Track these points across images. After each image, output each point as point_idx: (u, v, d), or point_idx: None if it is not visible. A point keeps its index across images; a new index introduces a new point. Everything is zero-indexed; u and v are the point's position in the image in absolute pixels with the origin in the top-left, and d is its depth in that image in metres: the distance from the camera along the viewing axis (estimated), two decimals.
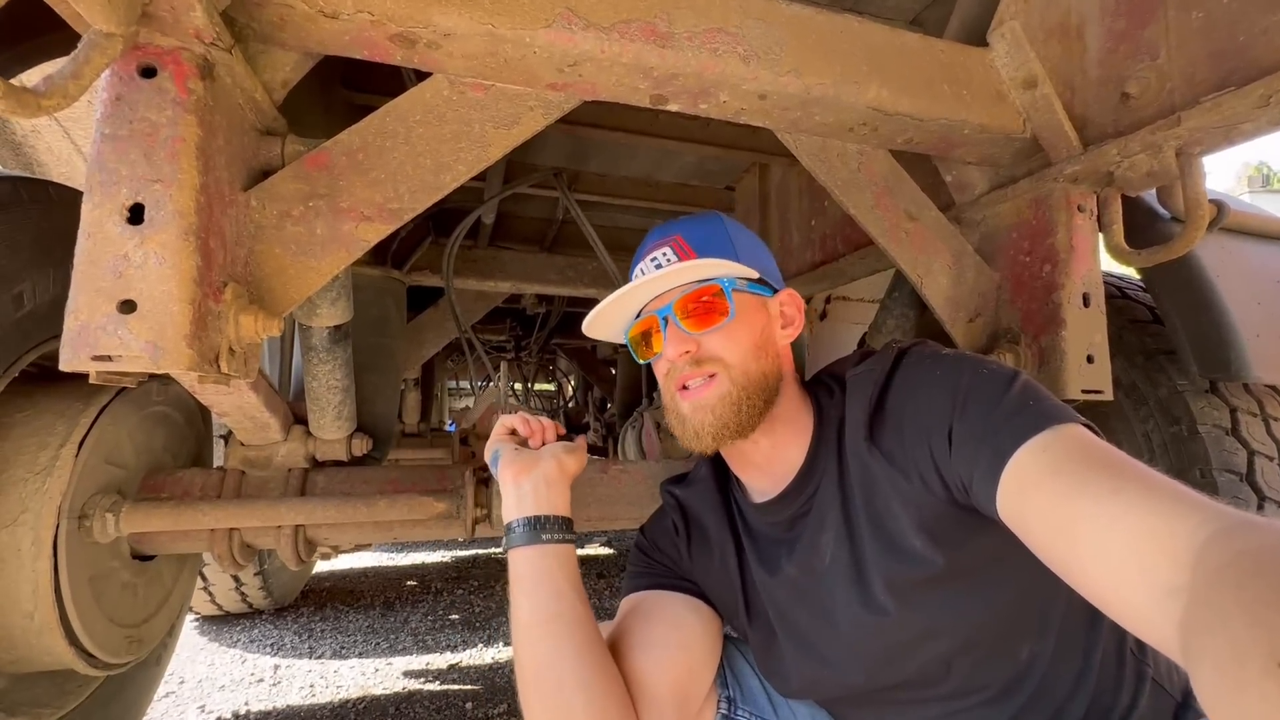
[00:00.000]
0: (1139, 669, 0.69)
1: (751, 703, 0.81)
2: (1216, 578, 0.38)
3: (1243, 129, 0.85)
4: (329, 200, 0.81)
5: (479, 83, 0.85)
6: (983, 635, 0.66)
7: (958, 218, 1.21)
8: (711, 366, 0.74)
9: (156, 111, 0.65)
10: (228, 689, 1.87)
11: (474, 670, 2.02)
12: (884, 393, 0.71)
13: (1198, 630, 0.38)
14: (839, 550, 0.72)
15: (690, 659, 0.76)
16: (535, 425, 0.86)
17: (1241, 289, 1.13)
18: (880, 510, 0.69)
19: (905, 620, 0.67)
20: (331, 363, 1.08)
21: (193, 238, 0.65)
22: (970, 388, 0.63)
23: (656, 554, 0.88)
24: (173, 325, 0.64)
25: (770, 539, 0.80)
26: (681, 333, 0.75)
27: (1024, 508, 0.55)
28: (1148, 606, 0.43)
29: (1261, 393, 1.25)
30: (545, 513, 0.75)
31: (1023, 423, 0.57)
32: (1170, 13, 0.90)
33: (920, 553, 0.65)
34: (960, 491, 0.62)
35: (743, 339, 0.75)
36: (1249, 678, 0.32)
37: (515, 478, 0.77)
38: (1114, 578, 0.46)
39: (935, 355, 0.71)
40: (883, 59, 0.94)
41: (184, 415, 1.28)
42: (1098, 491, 0.49)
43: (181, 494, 1.10)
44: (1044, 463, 0.54)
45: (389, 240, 1.79)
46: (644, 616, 0.79)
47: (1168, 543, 0.43)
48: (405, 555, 3.65)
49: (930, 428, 0.64)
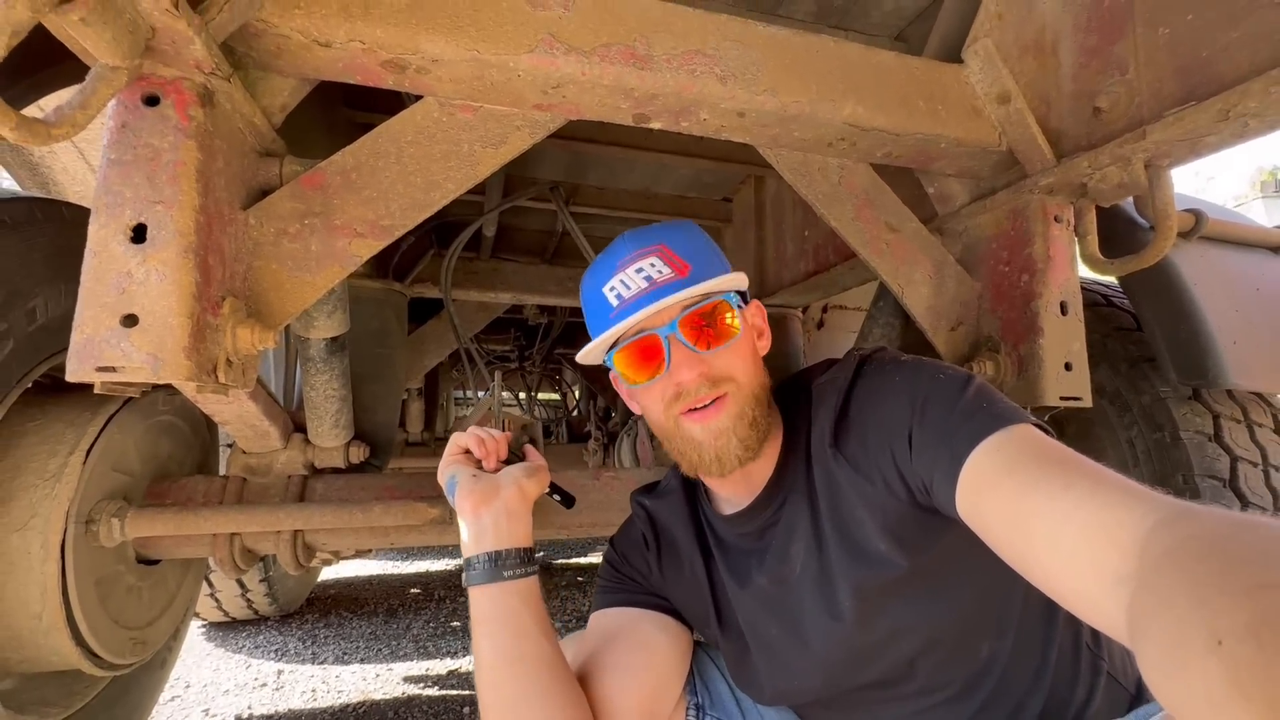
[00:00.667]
0: (1095, 663, 0.71)
1: (720, 708, 0.83)
2: (1161, 563, 0.40)
3: (1207, 141, 0.87)
4: (324, 218, 0.85)
5: (467, 104, 0.89)
6: (945, 635, 0.68)
7: (940, 228, 1.24)
8: (725, 387, 0.70)
9: (159, 137, 0.69)
10: (232, 693, 1.91)
11: (472, 677, 2.04)
12: (847, 401, 0.72)
13: (1143, 613, 0.39)
14: (809, 559, 0.73)
15: (657, 678, 0.77)
16: (490, 444, 0.82)
17: (1220, 297, 1.14)
18: (846, 516, 0.70)
19: (871, 623, 0.69)
20: (329, 373, 1.12)
21: (192, 255, 0.69)
22: (928, 393, 0.65)
23: (626, 568, 0.88)
24: (172, 338, 0.67)
25: (740, 550, 0.81)
26: (691, 353, 0.70)
27: (981, 506, 0.56)
28: (1099, 595, 0.45)
29: (1245, 399, 1.26)
30: (507, 546, 0.72)
31: (977, 425, 0.59)
32: (1139, 29, 0.93)
33: (885, 556, 0.67)
34: (922, 494, 0.64)
35: (747, 355, 0.74)
36: (1191, 656, 0.33)
37: (474, 510, 0.74)
38: (1067, 569, 0.48)
39: (895, 362, 0.72)
40: (858, 77, 0.97)
41: (189, 424, 1.32)
42: (1049, 488, 0.51)
43: (185, 500, 1.14)
44: (998, 462, 0.56)
45: (390, 253, 1.84)
46: (613, 638, 0.79)
47: (1115, 533, 0.45)
48: (409, 563, 3.68)
49: (892, 433, 0.66)
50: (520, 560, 0.72)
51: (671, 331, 0.70)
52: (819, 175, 1.09)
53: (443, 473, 0.80)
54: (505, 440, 0.84)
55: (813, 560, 0.72)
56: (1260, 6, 0.79)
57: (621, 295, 0.72)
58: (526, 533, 0.75)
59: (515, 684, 0.67)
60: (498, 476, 0.78)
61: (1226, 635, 0.31)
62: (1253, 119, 0.80)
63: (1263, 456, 1.20)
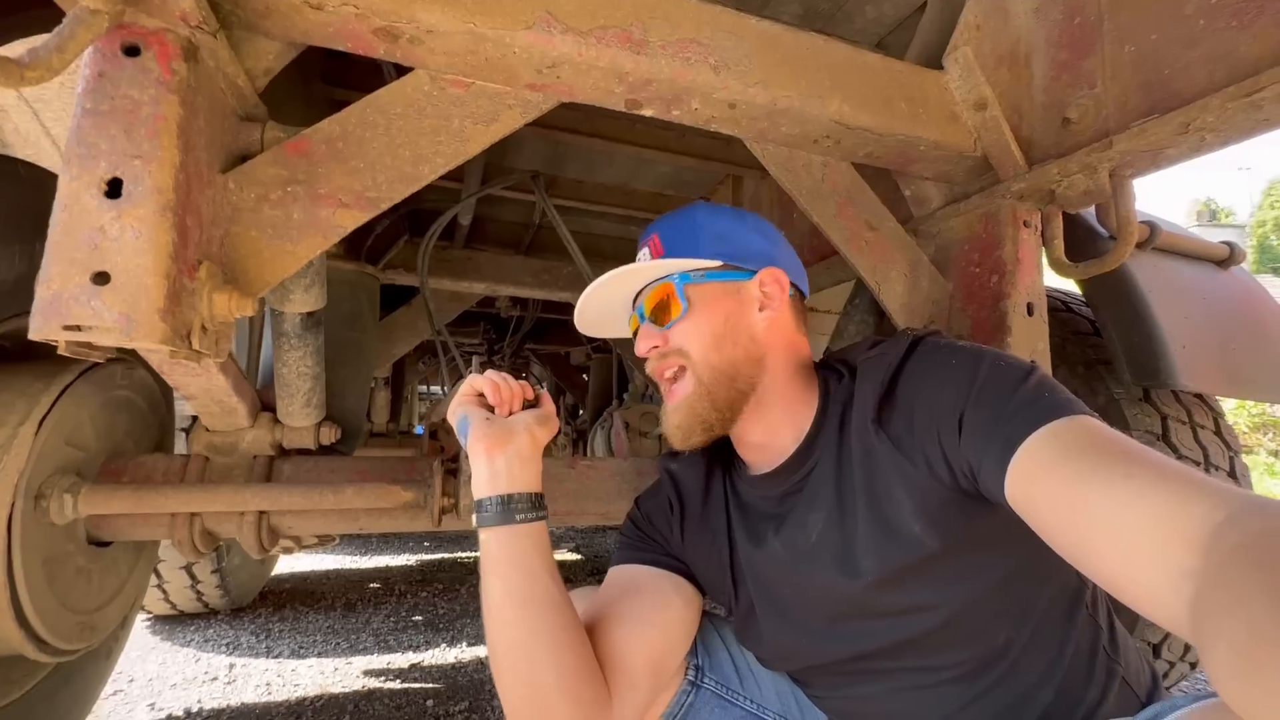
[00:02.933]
0: (1110, 667, 0.71)
1: (718, 671, 0.84)
2: (1232, 560, 0.38)
3: (1167, 154, 0.92)
4: (307, 186, 0.82)
5: (459, 79, 0.88)
6: (964, 617, 0.67)
7: (915, 230, 1.28)
8: (676, 359, 0.79)
9: (139, 90, 0.67)
10: (179, 687, 1.82)
11: (436, 669, 2.00)
12: (895, 378, 0.71)
13: (1213, 611, 0.38)
14: (828, 529, 0.73)
15: (668, 636, 0.78)
16: (505, 392, 0.79)
17: (1171, 304, 1.21)
18: (880, 493, 0.69)
19: (891, 597, 0.69)
20: (303, 349, 1.08)
21: (170, 214, 0.67)
22: (987, 378, 0.64)
23: (649, 528, 0.89)
24: (146, 298, 0.65)
25: (759, 513, 0.82)
26: (650, 329, 0.81)
27: (1034, 492, 0.55)
28: (1160, 588, 0.43)
29: (1190, 402, 1.34)
30: (519, 490, 0.72)
31: (1036, 412, 0.58)
32: (1107, 46, 0.98)
33: (918, 537, 0.66)
34: (966, 478, 0.63)
35: (704, 331, 0.78)
36: (1267, 658, 0.32)
37: (488, 452, 0.72)
38: (1126, 559, 0.46)
39: (951, 346, 0.71)
40: (845, 76, 1.00)
41: (147, 401, 1.27)
42: (1110, 476, 0.49)
43: (143, 478, 1.09)
44: (1056, 449, 0.55)
45: (364, 235, 1.80)
46: (630, 591, 0.81)
47: (1181, 525, 0.43)
48: (368, 558, 3.59)
49: (941, 415, 0.65)
50: (532, 504, 0.73)
51: (640, 311, 0.83)
52: (803, 171, 1.12)
53: (453, 412, 0.78)
54: (521, 391, 0.81)
55: (833, 530, 0.72)
56: (1217, 30, 0.84)
57: None
58: (538, 478, 0.76)
59: (524, 624, 0.67)
60: (511, 421, 0.76)
61: None
62: (1209, 133, 0.85)
63: (1204, 456, 1.28)
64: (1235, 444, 1.35)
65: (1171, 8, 0.88)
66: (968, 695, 0.69)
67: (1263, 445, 9.35)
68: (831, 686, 0.79)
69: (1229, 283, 1.38)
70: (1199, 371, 1.16)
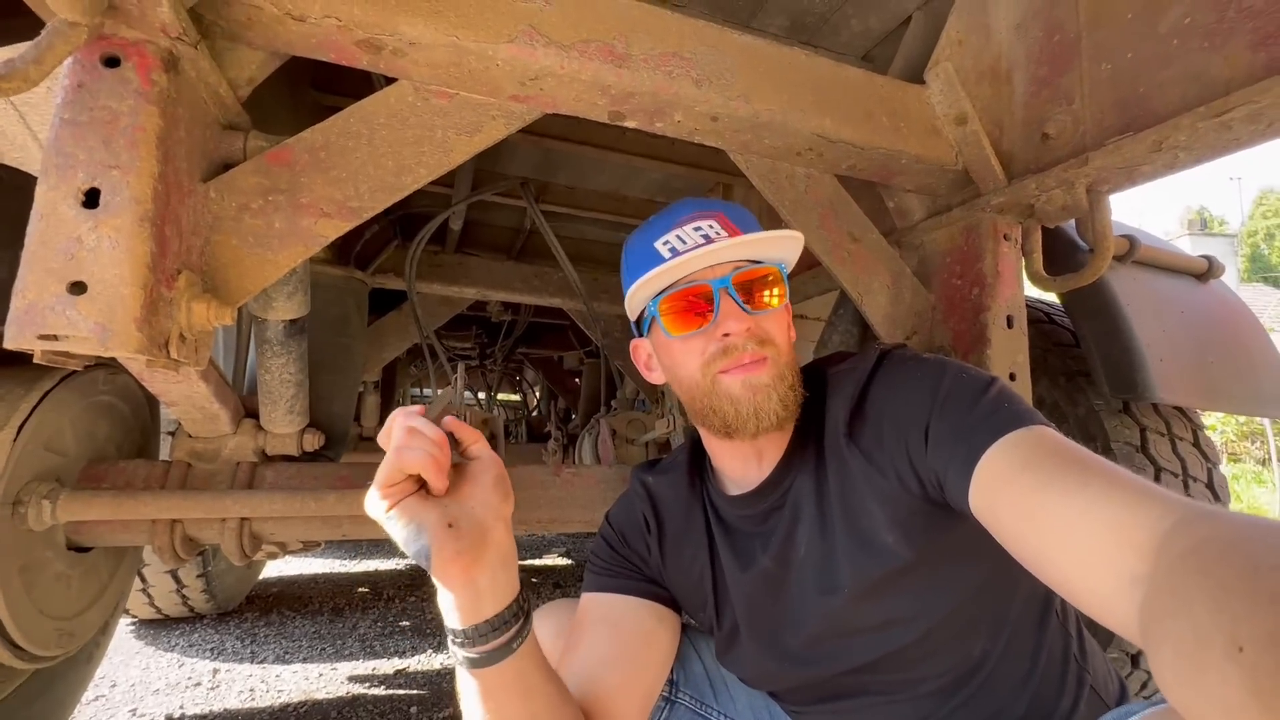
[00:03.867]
0: (1080, 676, 0.72)
1: (693, 686, 0.84)
2: (1179, 564, 0.39)
3: (1141, 170, 0.93)
4: (289, 195, 0.83)
5: (443, 90, 0.88)
6: (941, 629, 0.68)
7: (899, 241, 1.29)
8: (766, 349, 0.71)
9: (118, 100, 0.67)
10: (163, 692, 1.81)
11: (421, 675, 2.00)
12: (865, 392, 0.72)
13: (1160, 615, 0.38)
14: (812, 544, 0.73)
15: (655, 673, 0.77)
16: (441, 458, 0.54)
17: (1149, 317, 1.23)
18: (855, 506, 0.70)
19: (868, 611, 0.69)
20: (285, 356, 1.08)
21: (148, 224, 0.67)
22: (950, 390, 0.65)
23: (625, 550, 0.86)
24: (123, 308, 0.65)
25: (744, 533, 0.80)
26: (741, 309, 0.70)
27: (995, 501, 0.56)
28: (1112, 593, 0.44)
29: (1169, 414, 1.35)
30: (506, 604, 0.57)
31: (996, 422, 0.59)
32: (1085, 64, 0.99)
33: (892, 548, 0.67)
34: (934, 488, 0.64)
35: (785, 327, 0.75)
36: (1210, 661, 0.32)
37: (466, 572, 0.55)
38: (1080, 566, 0.47)
39: (917, 358, 0.72)
40: (827, 90, 1.01)
41: (130, 406, 1.26)
42: (1066, 485, 0.51)
43: (123, 484, 1.08)
44: (1015, 458, 0.56)
45: (353, 241, 1.80)
46: (612, 631, 0.78)
47: (1132, 532, 0.44)
48: (357, 562, 3.57)
49: (908, 425, 0.65)
50: (518, 612, 0.59)
51: (724, 285, 0.70)
52: (786, 183, 1.13)
53: (397, 521, 0.54)
54: (444, 441, 0.56)
55: (816, 546, 0.72)
56: (1190, 50, 0.85)
57: (676, 249, 0.72)
58: (516, 573, 0.60)
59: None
60: (473, 510, 0.57)
61: (1248, 642, 0.31)
62: (1182, 151, 0.87)
63: (1183, 468, 1.29)
64: (1214, 456, 1.37)
65: (1147, 27, 0.90)
66: (946, 708, 0.69)
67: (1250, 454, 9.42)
68: (809, 702, 0.79)
69: (1208, 296, 1.40)
70: (1177, 384, 1.18)
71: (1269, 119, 0.79)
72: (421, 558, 0.54)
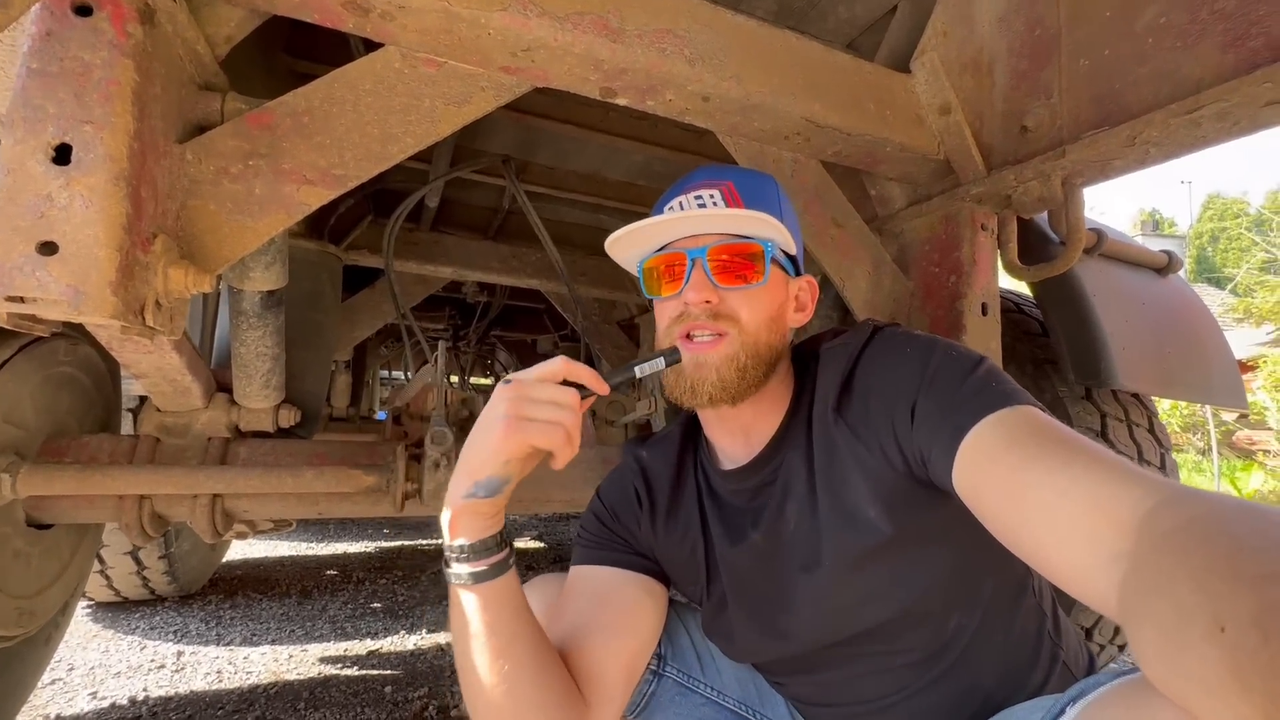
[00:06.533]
0: (1053, 652, 0.73)
1: (680, 660, 0.85)
2: (1163, 544, 0.39)
3: (1115, 164, 0.97)
4: (270, 160, 0.80)
5: (431, 58, 0.86)
6: (917, 604, 0.69)
7: (880, 229, 1.31)
8: (725, 324, 0.72)
9: (91, 52, 0.64)
10: (124, 676, 1.76)
11: (395, 656, 1.98)
12: (854, 367, 0.72)
13: (1142, 592, 0.39)
14: (801, 519, 0.74)
15: (641, 642, 0.77)
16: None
17: (1114, 308, 1.28)
18: (839, 480, 0.71)
19: (850, 584, 0.70)
20: (262, 329, 1.05)
21: (123, 183, 0.64)
22: (938, 367, 0.65)
23: (615, 524, 0.86)
24: (97, 271, 0.62)
25: (735, 508, 0.81)
26: (708, 280, 0.72)
27: (978, 479, 0.56)
28: (1092, 570, 0.44)
29: (1126, 400, 1.42)
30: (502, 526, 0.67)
31: (982, 401, 0.59)
32: (1063, 59, 1.02)
33: (873, 522, 0.68)
34: (918, 465, 0.64)
35: (764, 307, 0.74)
36: (1192, 639, 0.33)
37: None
38: (1061, 543, 0.47)
39: (909, 335, 0.73)
40: (817, 74, 1.01)
41: (92, 379, 1.21)
42: (1049, 464, 0.51)
43: (88, 459, 1.05)
44: (999, 437, 0.56)
45: (327, 214, 1.75)
46: (600, 599, 0.78)
47: (1113, 510, 0.44)
48: (326, 545, 3.51)
49: (895, 403, 0.66)
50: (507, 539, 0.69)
51: (699, 255, 0.72)
52: (773, 167, 1.13)
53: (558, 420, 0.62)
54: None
55: (805, 520, 0.73)
56: (1164, 49, 0.88)
57: (675, 212, 0.75)
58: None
59: (511, 658, 0.64)
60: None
61: (1230, 622, 0.31)
62: (1154, 147, 0.90)
63: (1138, 452, 1.36)
64: (1166, 441, 1.44)
65: (1124, 25, 0.93)
66: (924, 679, 0.71)
67: (1192, 444, 9.93)
68: (792, 673, 0.81)
69: (1167, 289, 1.47)
70: (1137, 373, 1.23)
71: (1236, 118, 0.82)
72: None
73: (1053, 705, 0.54)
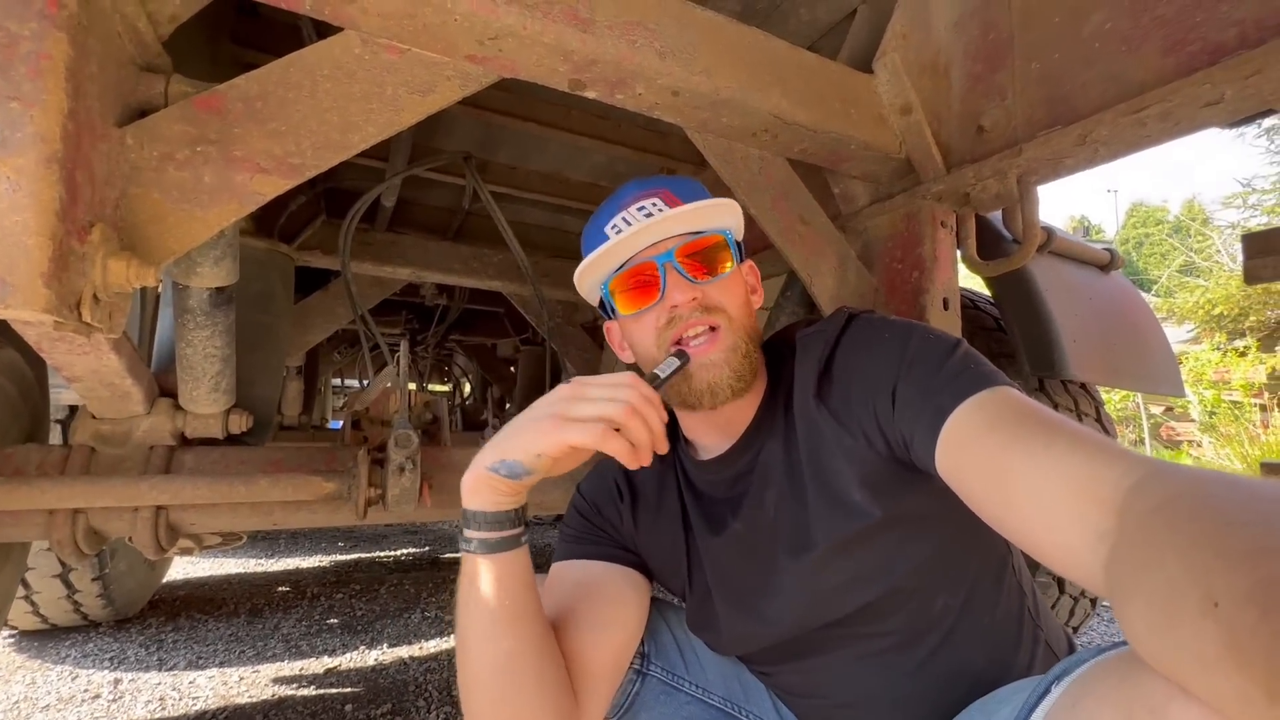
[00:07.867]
0: (1035, 632, 0.75)
1: (663, 657, 0.84)
2: (1149, 519, 0.39)
3: (1066, 163, 1.01)
4: (220, 147, 0.75)
5: (394, 45, 0.83)
6: (905, 584, 0.70)
7: (844, 226, 1.34)
8: (717, 316, 0.73)
9: (18, 23, 0.58)
10: (53, 709, 1.63)
11: (355, 673, 1.90)
12: (833, 354, 0.73)
13: (1131, 568, 0.39)
14: (782, 506, 0.74)
15: (627, 634, 0.77)
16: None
17: (1064, 302, 1.34)
18: (824, 466, 0.71)
19: (838, 568, 0.70)
20: (211, 328, 0.99)
21: (57, 166, 0.59)
22: (917, 351, 0.66)
23: (597, 519, 0.86)
24: (27, 261, 0.57)
25: (714, 499, 0.81)
26: (684, 280, 0.72)
27: (961, 461, 0.57)
28: (1078, 548, 0.45)
29: (1076, 391, 1.48)
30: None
31: (963, 384, 0.60)
32: (1017, 62, 1.06)
33: (861, 506, 0.68)
34: (901, 448, 0.65)
35: (740, 291, 0.76)
36: (1184, 615, 0.33)
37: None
38: (1046, 523, 0.48)
39: (885, 320, 0.74)
40: (785, 71, 1.02)
41: (18, 387, 1.12)
42: (1031, 445, 0.51)
43: (12, 471, 0.96)
44: (981, 419, 0.57)
45: (277, 212, 1.67)
46: (585, 591, 0.78)
47: (1097, 488, 0.45)
48: (276, 560, 3.35)
49: (875, 388, 0.66)
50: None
51: (668, 259, 0.72)
52: (742, 164, 1.14)
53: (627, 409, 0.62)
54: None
55: (787, 508, 0.73)
56: (1110, 53, 0.93)
57: (621, 229, 0.74)
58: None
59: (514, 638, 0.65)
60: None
61: (1223, 597, 0.31)
62: (1103, 145, 0.94)
63: None
64: (1112, 429, 1.52)
65: (1072, 30, 0.97)
66: (910, 663, 0.72)
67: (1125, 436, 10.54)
68: (779, 662, 0.81)
69: (1110, 285, 1.54)
70: (1086, 364, 1.29)
71: (1177, 118, 0.87)
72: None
73: (1038, 685, 0.54)
